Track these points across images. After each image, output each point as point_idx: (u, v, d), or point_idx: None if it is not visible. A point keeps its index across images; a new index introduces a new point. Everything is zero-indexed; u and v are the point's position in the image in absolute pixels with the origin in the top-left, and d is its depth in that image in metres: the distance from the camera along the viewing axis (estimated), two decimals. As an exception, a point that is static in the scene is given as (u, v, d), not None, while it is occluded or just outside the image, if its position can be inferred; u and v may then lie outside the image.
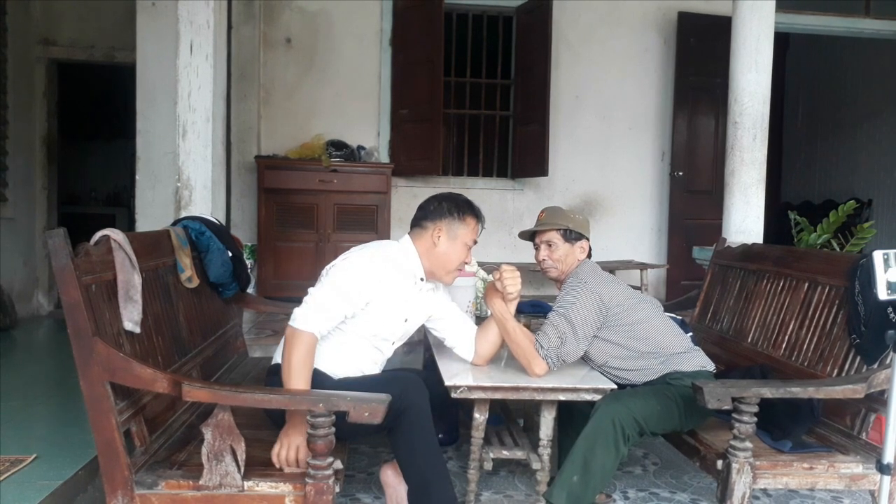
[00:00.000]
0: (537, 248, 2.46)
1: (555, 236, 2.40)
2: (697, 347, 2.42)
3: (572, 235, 2.40)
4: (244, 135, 5.35)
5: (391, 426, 1.92)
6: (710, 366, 2.36)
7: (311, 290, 2.04)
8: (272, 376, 2.13)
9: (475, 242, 2.21)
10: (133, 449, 1.78)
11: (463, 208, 2.19)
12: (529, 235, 2.51)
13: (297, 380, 1.88)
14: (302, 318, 1.96)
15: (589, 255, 2.46)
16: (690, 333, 2.58)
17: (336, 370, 2.09)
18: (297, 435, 1.82)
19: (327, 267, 2.11)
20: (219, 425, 1.68)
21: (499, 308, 2.19)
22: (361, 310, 2.07)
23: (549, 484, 2.17)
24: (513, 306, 2.20)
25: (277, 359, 2.16)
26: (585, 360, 2.35)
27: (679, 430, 2.25)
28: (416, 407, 1.91)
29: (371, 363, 2.19)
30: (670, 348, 2.31)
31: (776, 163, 8.18)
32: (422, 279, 2.20)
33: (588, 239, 2.45)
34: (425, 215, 2.20)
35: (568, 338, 2.17)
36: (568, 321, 2.19)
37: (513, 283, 2.14)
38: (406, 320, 2.21)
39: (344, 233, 5.07)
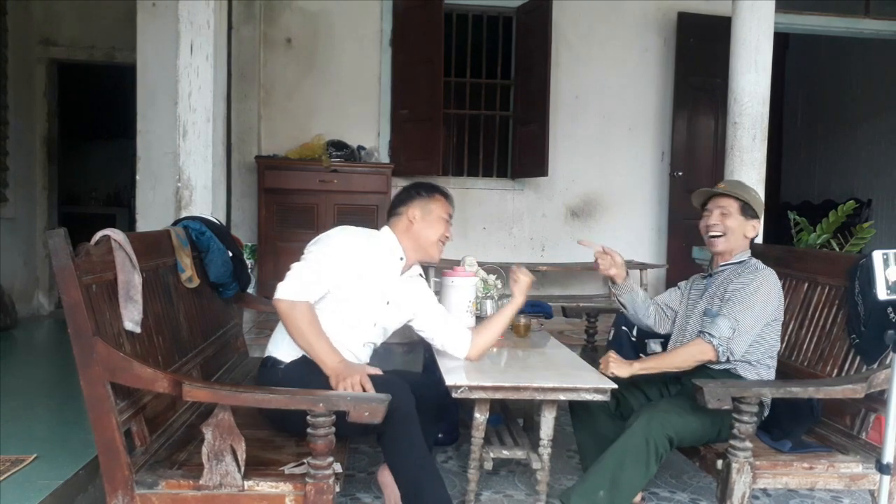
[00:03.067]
0: (708, 214, 2.42)
1: (732, 205, 2.36)
2: None
3: (749, 211, 2.37)
4: (244, 135, 5.35)
5: (379, 430, 1.91)
6: None
7: (293, 265, 2.08)
8: (264, 368, 2.15)
9: (450, 216, 2.34)
10: (133, 449, 1.78)
11: (429, 188, 2.34)
12: (702, 201, 2.47)
13: (319, 345, 1.96)
14: (290, 289, 2.00)
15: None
16: None
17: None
18: (353, 373, 1.90)
19: (308, 245, 2.16)
20: (219, 425, 1.68)
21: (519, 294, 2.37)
22: (344, 281, 2.10)
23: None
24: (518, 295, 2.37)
25: (271, 351, 2.17)
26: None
27: (712, 441, 2.19)
28: (400, 410, 1.89)
29: (352, 351, 2.16)
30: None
31: (776, 163, 8.17)
32: (401, 258, 2.26)
33: (760, 221, 2.40)
34: (397, 203, 2.34)
35: (739, 329, 2.18)
36: (747, 312, 2.19)
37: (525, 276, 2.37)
38: (388, 303, 2.23)
39: (344, 233, 5.06)
